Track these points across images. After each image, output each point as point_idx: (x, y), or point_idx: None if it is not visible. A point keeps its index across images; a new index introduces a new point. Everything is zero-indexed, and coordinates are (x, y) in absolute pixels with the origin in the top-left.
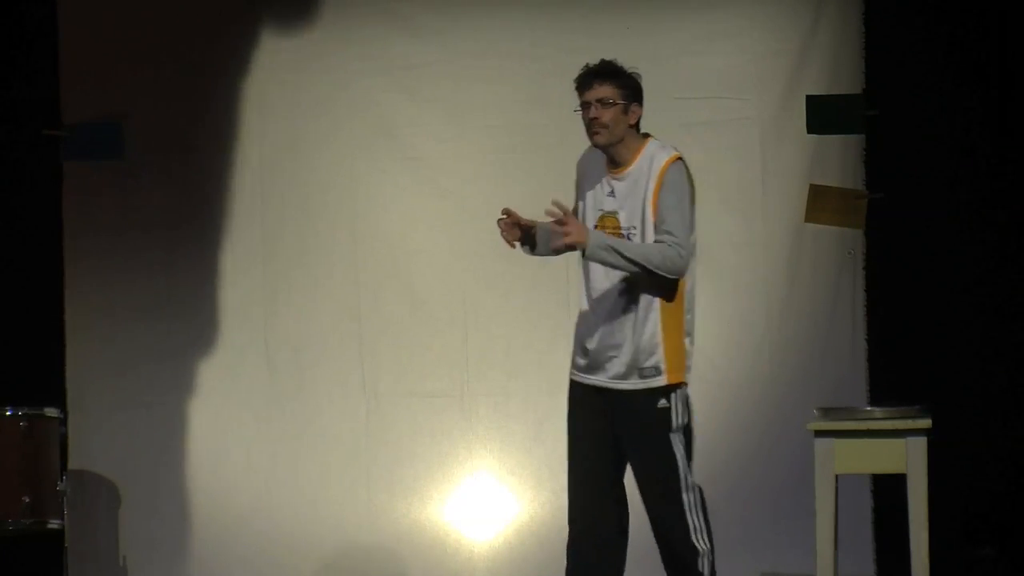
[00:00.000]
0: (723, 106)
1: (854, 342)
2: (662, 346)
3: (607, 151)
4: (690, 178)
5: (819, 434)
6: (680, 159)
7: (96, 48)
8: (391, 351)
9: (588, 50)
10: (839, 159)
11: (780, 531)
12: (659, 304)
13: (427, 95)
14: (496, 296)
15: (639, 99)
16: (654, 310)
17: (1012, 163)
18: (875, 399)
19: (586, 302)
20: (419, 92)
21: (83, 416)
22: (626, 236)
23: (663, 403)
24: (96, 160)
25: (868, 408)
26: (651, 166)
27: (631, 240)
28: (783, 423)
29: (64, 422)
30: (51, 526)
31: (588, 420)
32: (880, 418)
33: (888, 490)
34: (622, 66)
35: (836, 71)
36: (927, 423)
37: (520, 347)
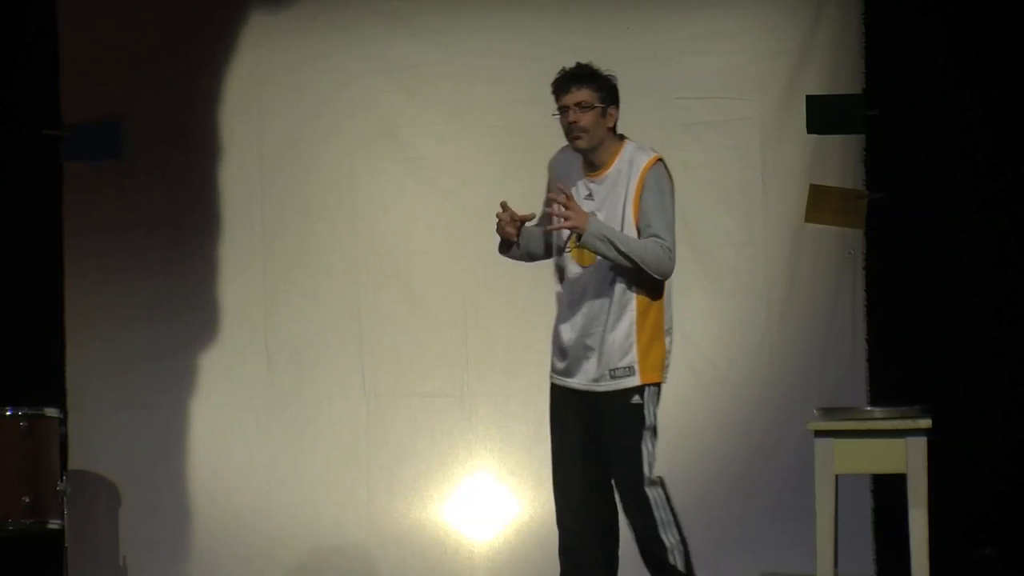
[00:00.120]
0: (723, 106)
1: (854, 342)
2: (636, 346)
3: (586, 155)
4: (670, 178)
5: (819, 434)
6: (660, 160)
7: (96, 48)
8: (391, 351)
9: (588, 50)
10: (839, 159)
11: (780, 531)
12: (635, 304)
13: (427, 95)
14: (496, 296)
15: (616, 101)
16: (629, 310)
17: (1012, 163)
18: (875, 399)
19: (562, 303)
20: (419, 92)
21: (83, 416)
22: None
23: (636, 399)
24: (96, 160)
25: (868, 408)
26: (631, 168)
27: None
28: (783, 423)
29: (64, 422)
30: (51, 526)
31: (570, 423)
32: (880, 418)
33: (888, 490)
34: (598, 69)
35: (836, 71)
36: (927, 423)
37: (520, 347)
